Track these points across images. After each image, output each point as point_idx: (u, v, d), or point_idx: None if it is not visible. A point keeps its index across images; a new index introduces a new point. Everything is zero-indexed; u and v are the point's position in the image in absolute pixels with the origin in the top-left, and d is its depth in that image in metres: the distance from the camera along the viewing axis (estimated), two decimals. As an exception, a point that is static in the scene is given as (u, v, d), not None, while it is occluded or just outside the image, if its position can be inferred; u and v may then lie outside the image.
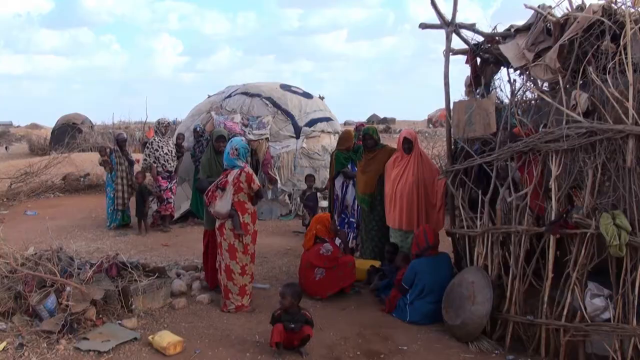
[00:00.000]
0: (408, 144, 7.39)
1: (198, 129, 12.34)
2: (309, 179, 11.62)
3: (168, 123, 12.02)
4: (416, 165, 7.30)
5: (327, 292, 7.05)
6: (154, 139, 11.67)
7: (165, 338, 5.54)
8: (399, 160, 7.48)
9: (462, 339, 5.76)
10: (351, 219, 8.96)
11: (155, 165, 11.44)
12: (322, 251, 7.10)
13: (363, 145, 8.24)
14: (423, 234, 6.54)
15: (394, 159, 7.58)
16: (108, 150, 12.13)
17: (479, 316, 5.63)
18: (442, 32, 6.60)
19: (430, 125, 48.12)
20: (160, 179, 11.47)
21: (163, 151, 11.50)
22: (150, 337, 5.65)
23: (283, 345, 5.41)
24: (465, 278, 5.96)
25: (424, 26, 6.72)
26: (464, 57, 6.74)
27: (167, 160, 11.54)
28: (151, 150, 11.51)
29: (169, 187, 11.65)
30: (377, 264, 7.66)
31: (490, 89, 6.56)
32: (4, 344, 5.45)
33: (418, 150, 7.47)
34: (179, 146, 12.36)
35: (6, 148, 32.97)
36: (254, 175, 6.60)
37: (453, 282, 6.13)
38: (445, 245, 7.05)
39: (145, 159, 11.61)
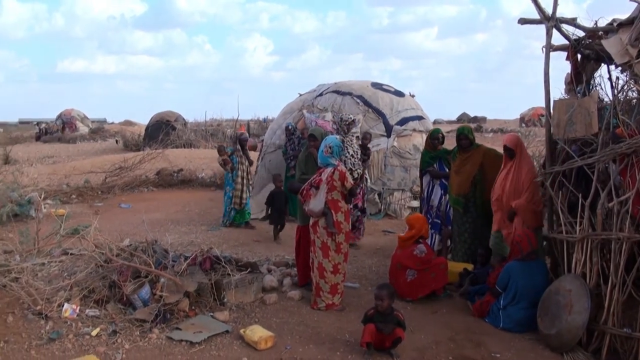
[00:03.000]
0: (509, 152, 7.09)
1: (290, 126, 12.45)
2: None
3: (353, 120, 10.05)
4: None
5: (418, 294, 6.97)
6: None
7: (257, 332, 5.63)
8: (505, 163, 7.18)
9: (556, 349, 5.57)
10: (435, 220, 8.75)
11: None
12: (415, 252, 6.99)
13: (457, 146, 8.06)
14: (527, 239, 6.31)
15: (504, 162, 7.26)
16: (227, 148, 12.01)
17: (575, 326, 5.42)
18: (537, 28, 6.40)
19: (523, 125, 46.68)
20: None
21: (349, 152, 9.13)
22: (241, 331, 5.75)
23: (374, 345, 5.38)
24: (563, 286, 5.74)
25: (523, 21, 6.53)
26: (560, 54, 6.50)
27: (354, 164, 9.15)
28: None
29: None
30: (469, 267, 7.51)
31: (591, 86, 6.30)
32: (98, 329, 5.68)
33: (522, 155, 7.13)
34: (364, 147, 10.59)
35: (116, 141, 34.44)
36: (348, 173, 6.60)
37: (550, 289, 5.92)
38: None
39: None
